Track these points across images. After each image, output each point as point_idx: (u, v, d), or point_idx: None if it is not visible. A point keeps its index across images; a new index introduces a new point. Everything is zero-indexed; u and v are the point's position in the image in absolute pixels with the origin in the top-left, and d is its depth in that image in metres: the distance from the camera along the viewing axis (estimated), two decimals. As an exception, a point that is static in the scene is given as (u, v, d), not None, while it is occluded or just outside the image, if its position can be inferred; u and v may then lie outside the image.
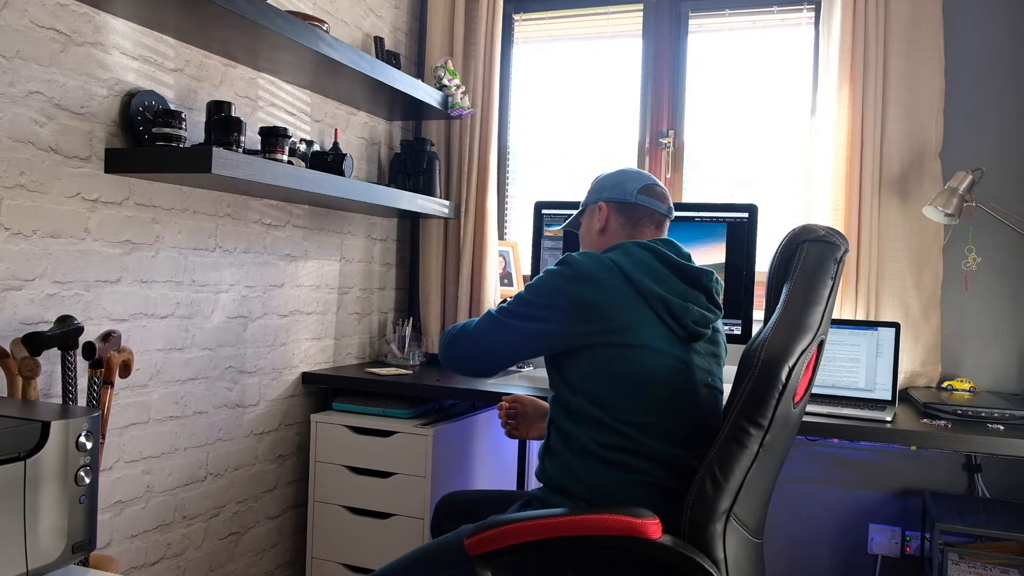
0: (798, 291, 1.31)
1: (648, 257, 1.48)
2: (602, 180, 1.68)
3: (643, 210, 1.62)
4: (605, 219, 1.63)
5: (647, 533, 1.24)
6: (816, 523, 2.53)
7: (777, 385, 1.25)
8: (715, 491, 1.28)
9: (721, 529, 1.29)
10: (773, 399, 1.25)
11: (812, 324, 1.28)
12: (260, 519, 2.32)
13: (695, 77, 2.78)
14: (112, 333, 1.63)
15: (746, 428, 1.27)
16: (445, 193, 2.85)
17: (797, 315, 1.28)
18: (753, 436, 1.27)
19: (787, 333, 1.27)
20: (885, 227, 2.42)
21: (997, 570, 2.02)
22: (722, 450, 1.28)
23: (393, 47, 2.83)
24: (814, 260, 1.32)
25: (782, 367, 1.25)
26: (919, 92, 2.40)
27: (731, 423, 1.28)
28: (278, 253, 2.32)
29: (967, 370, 2.42)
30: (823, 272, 1.31)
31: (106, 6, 1.71)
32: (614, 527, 1.24)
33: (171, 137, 1.74)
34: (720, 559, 1.28)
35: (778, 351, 1.26)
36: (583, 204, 1.71)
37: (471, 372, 1.57)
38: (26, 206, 1.60)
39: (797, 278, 1.32)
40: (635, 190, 1.62)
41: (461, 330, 1.57)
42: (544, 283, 1.47)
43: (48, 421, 1.00)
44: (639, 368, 1.41)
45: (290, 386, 2.41)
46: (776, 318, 1.30)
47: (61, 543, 1.01)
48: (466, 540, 1.32)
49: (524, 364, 2.72)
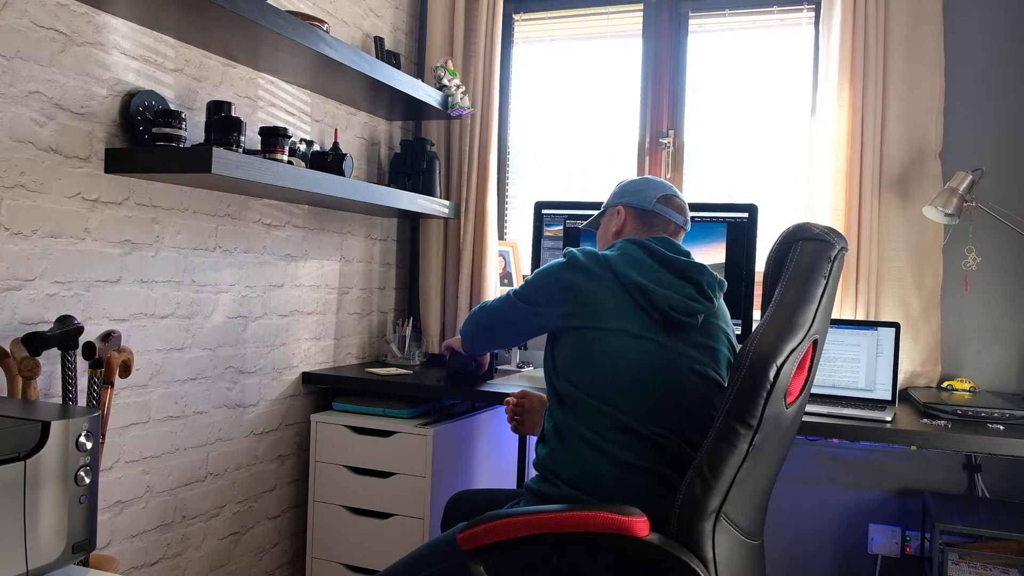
0: (790, 289, 1.29)
1: (636, 251, 1.56)
2: (624, 185, 1.76)
3: (659, 218, 1.69)
4: (622, 223, 1.72)
5: (634, 531, 1.24)
6: (816, 523, 2.53)
7: (765, 384, 1.23)
8: (704, 490, 1.27)
9: (710, 528, 1.28)
10: (761, 398, 1.24)
11: (803, 323, 1.27)
12: (260, 519, 2.32)
13: (695, 77, 2.78)
14: (112, 333, 1.63)
15: (735, 427, 1.25)
16: (445, 193, 2.85)
17: (788, 314, 1.27)
18: (742, 435, 1.25)
19: (777, 332, 1.26)
20: (885, 227, 2.42)
21: (997, 570, 2.02)
22: (711, 449, 1.28)
23: (393, 47, 2.83)
24: (808, 259, 1.31)
25: (770, 365, 1.23)
26: (919, 92, 2.40)
27: (720, 422, 1.27)
28: (278, 253, 2.32)
29: (967, 370, 2.42)
30: (816, 271, 1.30)
31: (106, 6, 1.71)
32: (600, 524, 1.24)
33: (171, 137, 1.74)
34: (709, 558, 1.27)
35: (767, 350, 1.24)
36: (604, 206, 1.81)
37: (483, 341, 1.79)
38: (26, 206, 1.60)
39: (790, 276, 1.31)
40: (654, 198, 1.70)
41: (481, 306, 1.77)
42: (544, 270, 1.60)
43: (48, 421, 1.00)
44: (616, 351, 1.47)
45: (290, 386, 2.41)
46: (767, 317, 1.30)
47: (61, 543, 1.01)
48: (458, 536, 1.35)
49: (524, 364, 2.72)
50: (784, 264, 1.34)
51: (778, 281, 1.35)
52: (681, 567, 1.24)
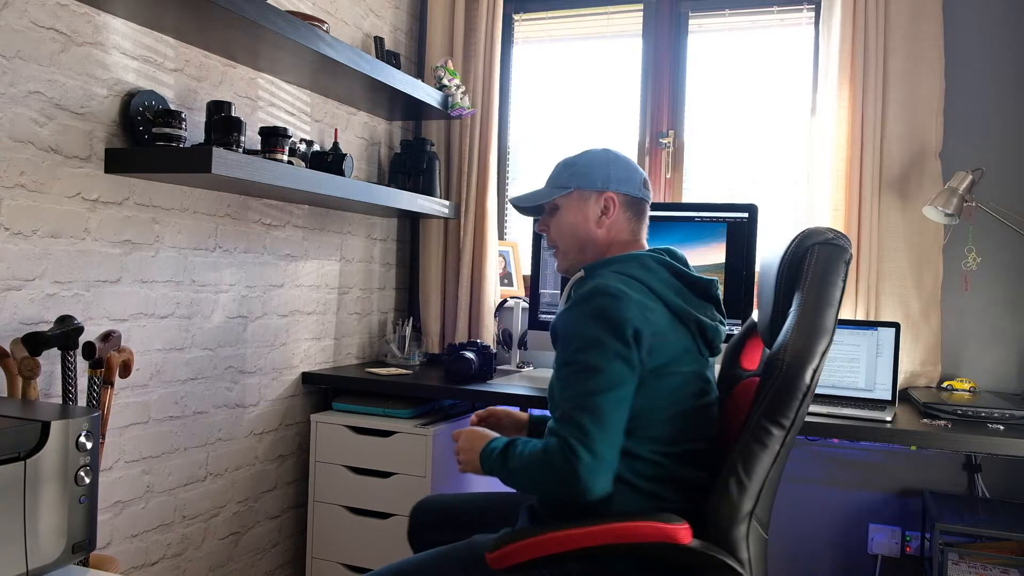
0: (811, 294, 1.33)
1: (665, 273, 1.43)
2: (605, 164, 1.52)
3: (645, 205, 1.56)
4: (615, 212, 1.50)
5: (679, 538, 1.26)
6: (816, 523, 2.53)
7: (801, 387, 1.28)
8: (740, 493, 1.29)
9: (745, 530, 1.30)
10: (797, 400, 1.29)
11: (828, 326, 1.32)
12: (260, 519, 2.32)
13: (695, 77, 2.78)
14: (112, 333, 1.63)
15: (769, 429, 1.29)
16: (445, 193, 2.85)
17: (812, 317, 1.32)
18: (776, 436, 1.29)
19: (805, 336, 1.30)
20: (885, 227, 2.42)
21: (997, 570, 2.02)
22: (744, 451, 1.30)
23: (393, 47, 2.83)
24: (824, 263, 1.35)
25: (807, 369, 1.29)
26: (919, 92, 2.40)
27: (754, 424, 1.30)
28: (278, 253, 2.32)
29: (967, 370, 2.42)
30: (834, 275, 1.34)
31: (106, 6, 1.71)
32: (646, 534, 1.26)
33: (171, 137, 1.74)
34: (745, 560, 1.30)
35: (802, 353, 1.29)
36: (564, 184, 1.53)
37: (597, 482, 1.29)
38: (26, 206, 1.60)
39: (810, 281, 1.34)
40: (640, 183, 1.54)
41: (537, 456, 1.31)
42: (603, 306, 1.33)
43: (48, 421, 1.00)
44: (678, 395, 1.37)
45: (290, 386, 2.41)
46: (794, 321, 1.33)
47: (61, 543, 1.01)
48: (489, 555, 1.30)
49: (524, 364, 2.72)
50: (801, 268, 1.37)
51: (795, 285, 1.38)
52: (723, 570, 1.26)
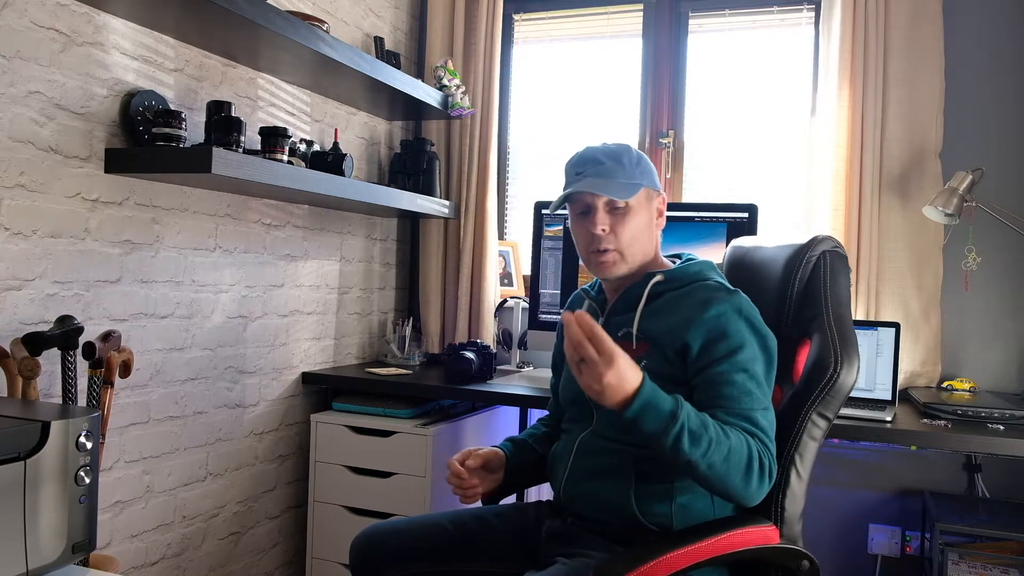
0: (835, 298, 1.43)
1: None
2: (647, 162, 1.46)
3: None
4: (663, 214, 1.49)
5: (772, 540, 1.33)
6: (816, 523, 2.53)
7: (849, 384, 1.38)
8: (799, 485, 1.38)
9: (802, 523, 1.39)
10: (843, 396, 1.38)
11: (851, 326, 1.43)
12: (260, 519, 2.32)
13: (695, 77, 2.77)
14: (112, 333, 1.63)
15: (818, 422, 1.38)
16: (445, 193, 2.85)
17: (839, 318, 1.42)
18: (823, 430, 1.39)
19: (843, 337, 1.39)
20: (885, 227, 2.42)
21: (997, 570, 2.02)
22: (800, 445, 1.38)
23: (393, 47, 2.83)
24: (837, 270, 1.45)
25: (854, 366, 1.38)
26: (919, 92, 2.40)
27: (807, 419, 1.38)
28: (278, 253, 2.32)
29: (967, 370, 2.42)
30: (846, 280, 1.46)
31: (106, 6, 1.71)
32: (750, 540, 1.31)
33: (171, 137, 1.74)
34: (806, 552, 1.37)
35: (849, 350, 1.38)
36: (638, 180, 1.41)
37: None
38: (26, 206, 1.60)
39: (831, 287, 1.44)
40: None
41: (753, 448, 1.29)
42: (752, 315, 1.38)
43: (48, 421, 1.00)
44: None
45: (290, 386, 2.41)
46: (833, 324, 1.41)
47: (61, 543, 1.01)
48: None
49: (524, 364, 2.72)
50: (820, 274, 1.45)
51: (819, 288, 1.45)
52: (800, 564, 1.34)
